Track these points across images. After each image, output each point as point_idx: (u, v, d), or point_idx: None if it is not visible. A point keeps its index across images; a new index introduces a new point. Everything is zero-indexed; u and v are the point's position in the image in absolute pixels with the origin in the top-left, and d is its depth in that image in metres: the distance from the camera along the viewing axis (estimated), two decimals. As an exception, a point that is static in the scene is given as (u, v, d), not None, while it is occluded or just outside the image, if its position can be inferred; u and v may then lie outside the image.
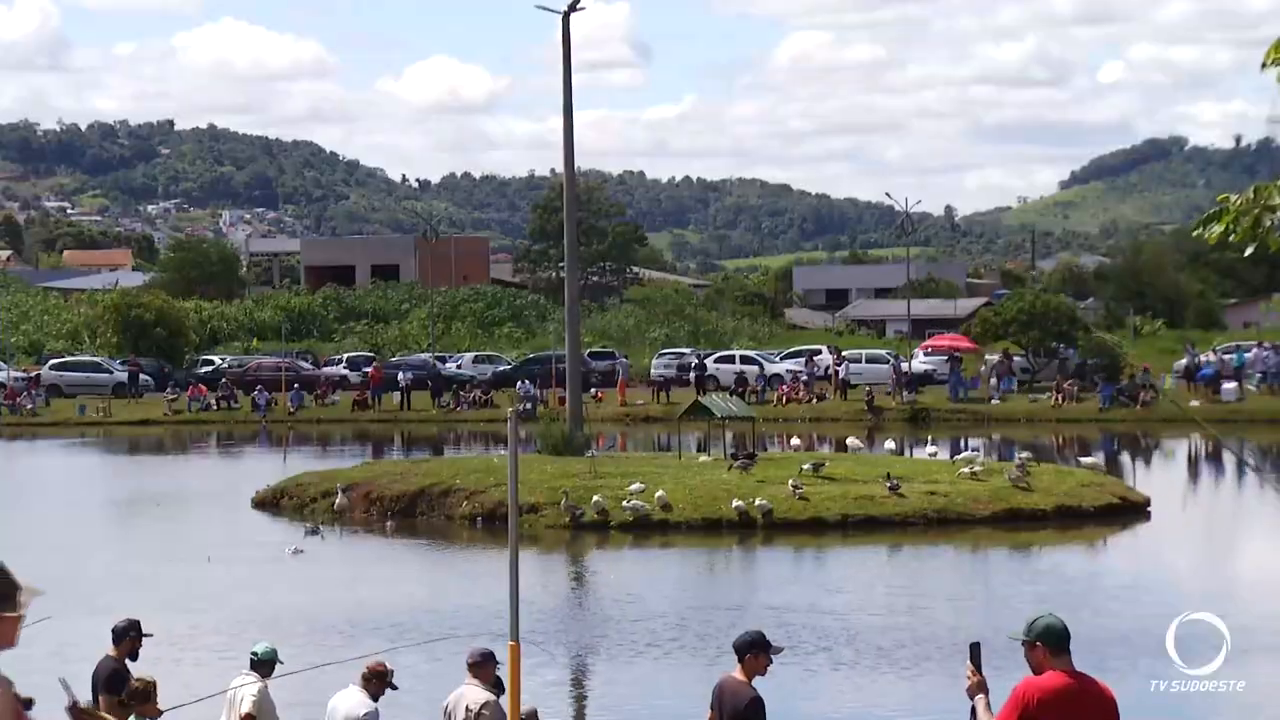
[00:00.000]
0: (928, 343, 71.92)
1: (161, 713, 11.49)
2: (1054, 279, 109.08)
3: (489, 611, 21.53)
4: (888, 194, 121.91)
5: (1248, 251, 7.84)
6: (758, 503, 31.11)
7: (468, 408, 63.33)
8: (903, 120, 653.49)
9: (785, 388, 62.97)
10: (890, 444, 44.76)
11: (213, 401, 65.22)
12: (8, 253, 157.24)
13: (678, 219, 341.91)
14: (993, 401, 60.10)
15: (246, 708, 12.01)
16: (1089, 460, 39.27)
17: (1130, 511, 33.22)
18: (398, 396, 64.27)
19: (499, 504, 31.37)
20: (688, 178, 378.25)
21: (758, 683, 10.20)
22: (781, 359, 68.66)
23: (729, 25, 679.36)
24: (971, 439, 51.20)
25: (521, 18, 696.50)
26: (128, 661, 12.29)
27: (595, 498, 31.80)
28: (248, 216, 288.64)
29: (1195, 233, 8.10)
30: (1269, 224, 7.60)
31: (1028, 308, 64.67)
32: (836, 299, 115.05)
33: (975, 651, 8.53)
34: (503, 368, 72.20)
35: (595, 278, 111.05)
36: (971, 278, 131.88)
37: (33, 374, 71.14)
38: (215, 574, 27.35)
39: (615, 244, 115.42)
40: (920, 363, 66.02)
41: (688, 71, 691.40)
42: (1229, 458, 47.57)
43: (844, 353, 67.22)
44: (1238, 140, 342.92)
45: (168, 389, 66.86)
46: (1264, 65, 7.45)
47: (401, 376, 64.96)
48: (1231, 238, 7.74)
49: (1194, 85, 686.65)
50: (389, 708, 12.36)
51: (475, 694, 11.55)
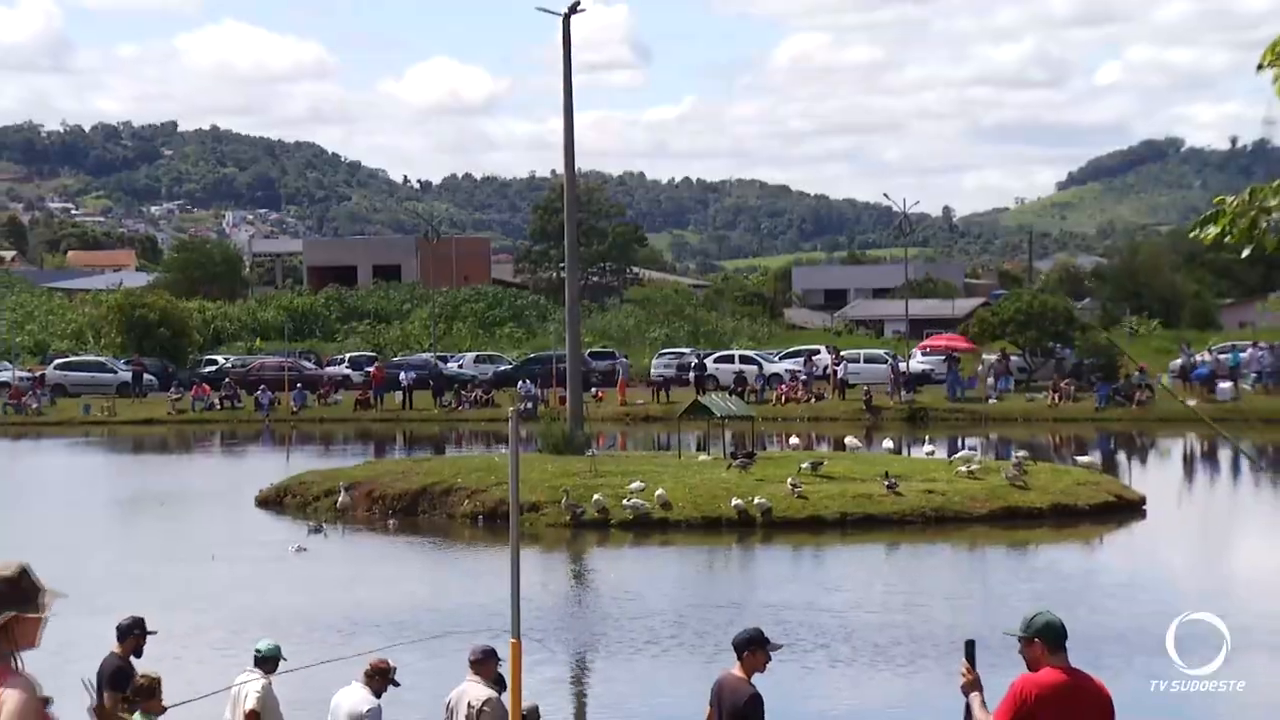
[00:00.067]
0: (925, 343, 72.00)
1: (166, 709, 11.59)
2: (1051, 279, 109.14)
3: (490, 609, 21.59)
4: (886, 195, 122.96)
5: (1244, 253, 7.82)
6: (757, 501, 31.12)
7: (469, 407, 63.37)
8: (901, 121, 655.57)
9: (784, 387, 62.86)
10: (888, 443, 44.67)
11: (216, 401, 65.25)
12: (12, 253, 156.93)
13: (677, 219, 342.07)
14: (990, 401, 60.09)
15: (250, 704, 12.04)
16: (1085, 459, 39.22)
17: (1126, 510, 33.23)
18: (400, 396, 64.35)
19: (500, 502, 31.58)
20: (687, 178, 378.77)
21: (756, 679, 10.29)
22: (780, 359, 68.56)
23: (728, 26, 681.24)
24: (969, 438, 51.15)
25: (521, 19, 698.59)
26: (132, 659, 12.36)
27: (595, 496, 31.82)
28: (250, 217, 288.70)
29: (1192, 234, 8.05)
30: (1265, 225, 7.57)
31: (1025, 308, 64.64)
32: (835, 299, 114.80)
33: (970, 649, 8.62)
34: (504, 367, 72.09)
35: (595, 278, 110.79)
36: (969, 278, 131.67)
37: (38, 374, 71.20)
38: (218, 572, 27.39)
39: (615, 244, 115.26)
40: (918, 362, 65.95)
41: (687, 73, 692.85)
42: (1224, 456, 47.49)
43: (842, 352, 66.96)
44: (1234, 141, 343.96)
45: (172, 389, 67.22)
46: (1260, 67, 7.36)
47: (403, 376, 65.10)
48: (1228, 239, 7.71)
49: (1190, 87, 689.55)
50: (391, 705, 12.40)
51: (477, 691, 11.60)
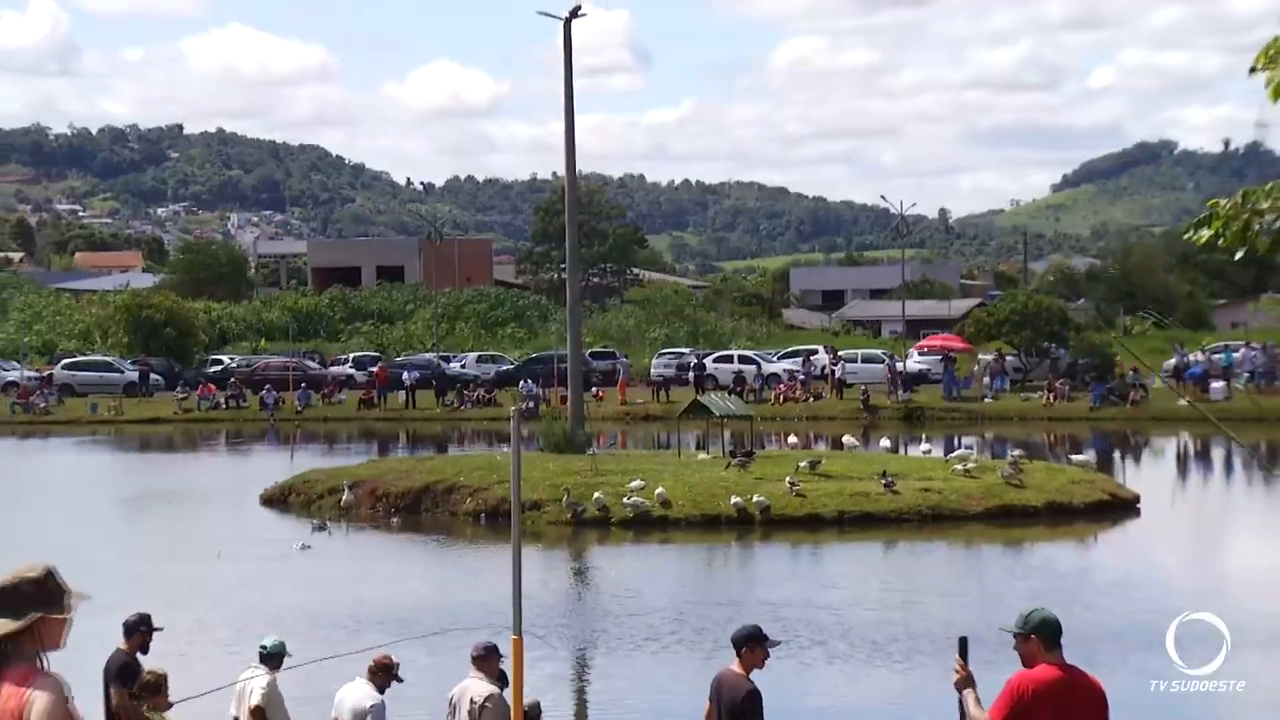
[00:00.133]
0: (922, 343, 72.05)
1: (172, 705, 11.77)
2: (1046, 280, 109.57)
3: (492, 606, 21.63)
4: (883, 197, 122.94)
5: (1237, 255, 7.83)
6: (755, 500, 31.19)
7: (471, 406, 63.55)
8: (898, 124, 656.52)
9: (783, 387, 63.00)
10: (885, 442, 44.98)
11: (222, 400, 65.47)
12: (20, 254, 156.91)
13: (677, 221, 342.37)
14: (986, 400, 60.18)
15: (255, 700, 12.09)
16: (1080, 458, 39.24)
17: (1120, 508, 33.27)
18: (403, 395, 64.54)
19: (502, 500, 31.92)
20: (687, 181, 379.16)
21: (755, 675, 10.39)
22: (779, 359, 68.71)
23: (727, 31, 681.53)
24: (965, 437, 51.30)
25: (523, 23, 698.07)
26: (138, 655, 12.46)
27: (596, 495, 31.88)
28: (255, 219, 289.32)
29: (1186, 236, 8.02)
30: (1258, 228, 7.57)
31: (1020, 308, 64.69)
32: (833, 300, 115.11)
33: (963, 646, 8.67)
34: (505, 367, 72.24)
35: (596, 279, 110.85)
36: (965, 279, 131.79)
37: (45, 373, 71.46)
38: (224, 569, 27.45)
39: (616, 246, 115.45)
40: (915, 362, 65.93)
41: (686, 76, 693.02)
42: (1218, 455, 47.68)
43: (840, 352, 67.12)
44: (1226, 144, 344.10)
45: (178, 388, 67.41)
46: (1253, 70, 7.35)
47: (406, 376, 65.39)
48: (1221, 242, 7.72)
49: (1183, 90, 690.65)
50: (395, 700, 12.49)
51: (479, 687, 11.66)
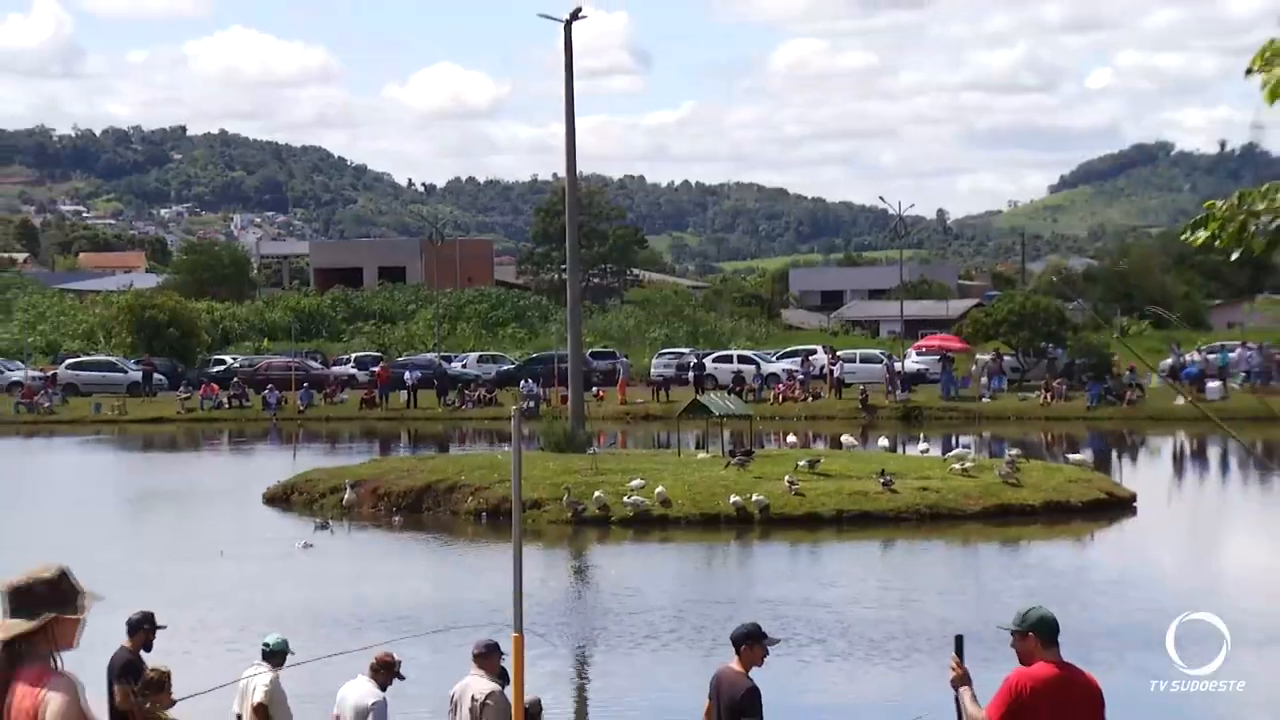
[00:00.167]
0: (920, 343, 72.10)
1: (175, 702, 11.81)
2: (1044, 281, 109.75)
3: (493, 604, 21.67)
4: (882, 198, 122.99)
5: (1234, 256, 7.83)
6: (755, 498, 31.32)
7: (472, 406, 63.74)
8: (896, 126, 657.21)
9: (781, 386, 63.17)
10: (884, 441, 45.31)
11: (224, 400, 65.65)
12: (25, 255, 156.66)
13: (677, 222, 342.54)
14: (983, 400, 60.37)
15: (258, 697, 12.11)
16: (1077, 457, 39.35)
17: (1117, 507, 33.42)
18: (404, 395, 64.68)
19: (503, 499, 32.04)
20: (686, 182, 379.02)
21: (754, 673, 10.46)
22: (778, 359, 68.88)
23: (726, 33, 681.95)
24: (962, 436, 51.56)
25: (523, 25, 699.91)
26: (142, 653, 12.54)
27: (596, 493, 32.00)
28: (258, 220, 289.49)
29: (1183, 237, 8.05)
30: (1253, 229, 7.57)
31: (1017, 309, 64.88)
32: (831, 300, 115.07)
33: (959, 644, 8.72)
34: (506, 367, 72.39)
35: (596, 279, 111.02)
36: (963, 279, 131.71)
37: (50, 373, 71.49)
38: (227, 568, 27.55)
39: (616, 246, 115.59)
40: (913, 362, 66.10)
41: (686, 78, 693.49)
42: (1214, 454, 47.97)
43: (839, 352, 67.40)
44: (1222, 145, 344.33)
45: (181, 388, 67.29)
46: (1249, 71, 7.34)
47: (408, 375, 65.57)
48: (1217, 243, 7.72)
49: (1180, 92, 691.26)
50: (396, 698, 12.56)
51: (480, 684, 11.73)
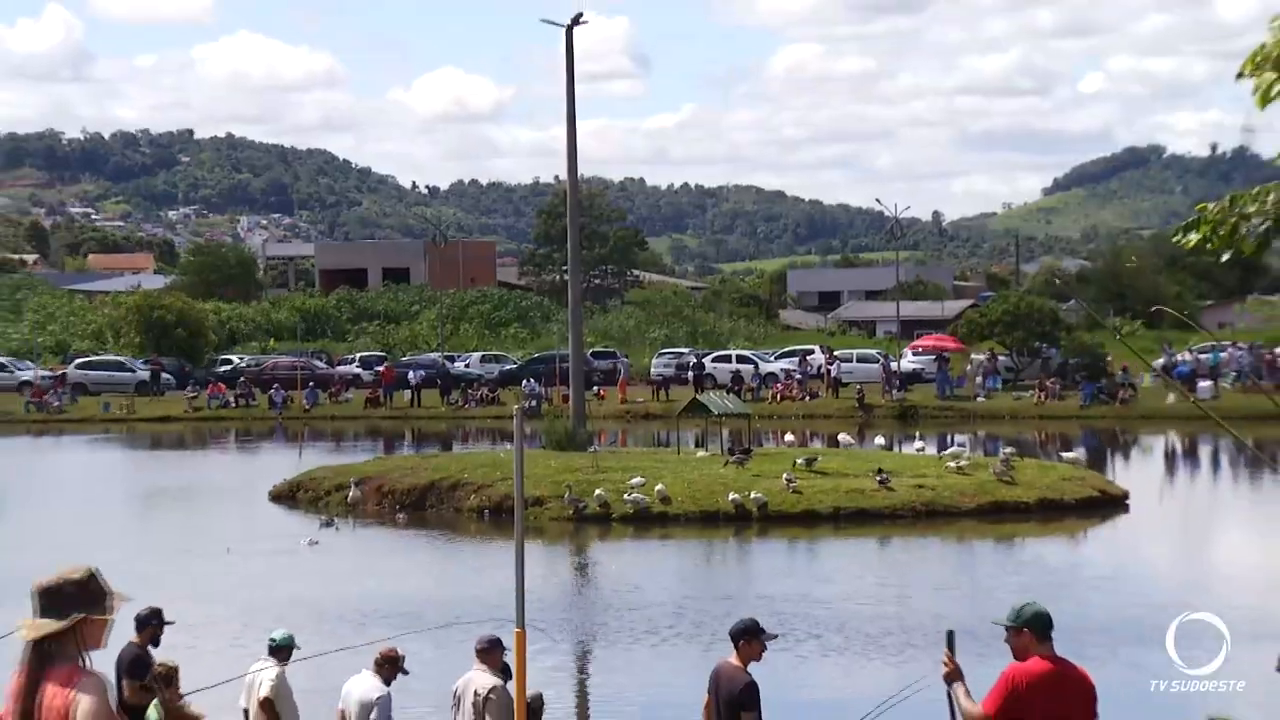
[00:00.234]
0: (916, 343, 72.27)
1: (183, 696, 11.86)
2: (1038, 282, 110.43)
3: (495, 600, 21.61)
4: (878, 200, 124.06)
5: (1224, 257, 7.85)
6: (753, 496, 31.47)
7: (475, 405, 64.30)
8: (893, 129, 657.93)
9: (779, 386, 63.62)
10: (880, 440, 45.32)
11: (231, 399, 66.16)
12: (35, 257, 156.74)
13: (676, 224, 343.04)
14: (978, 399, 60.85)
15: (265, 692, 12.10)
16: (1070, 455, 39.43)
17: (1110, 505, 33.56)
18: (408, 394, 65.13)
19: (505, 497, 32.27)
20: (686, 184, 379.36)
21: (752, 668, 10.54)
22: (776, 358, 69.34)
23: (725, 37, 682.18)
24: (958, 435, 51.62)
25: (526, 30, 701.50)
26: (150, 648, 12.57)
27: (597, 491, 32.16)
28: (264, 222, 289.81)
29: (1175, 239, 8.12)
30: (1244, 231, 7.59)
31: (1012, 309, 65.31)
32: (829, 301, 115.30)
33: (950, 640, 8.78)
34: (509, 367, 72.95)
35: (597, 280, 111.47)
36: (958, 280, 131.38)
37: (59, 373, 72.05)
38: (234, 565, 27.73)
39: (616, 248, 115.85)
40: (909, 362, 66.57)
41: (686, 82, 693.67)
42: (1205, 452, 48.44)
43: (836, 352, 68.00)
44: (1214, 148, 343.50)
45: (188, 387, 67.98)
46: (1240, 75, 7.36)
47: (412, 375, 66.02)
48: (1209, 245, 7.74)
49: (1172, 95, 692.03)
50: (400, 692, 12.66)
51: (483, 679, 11.79)
